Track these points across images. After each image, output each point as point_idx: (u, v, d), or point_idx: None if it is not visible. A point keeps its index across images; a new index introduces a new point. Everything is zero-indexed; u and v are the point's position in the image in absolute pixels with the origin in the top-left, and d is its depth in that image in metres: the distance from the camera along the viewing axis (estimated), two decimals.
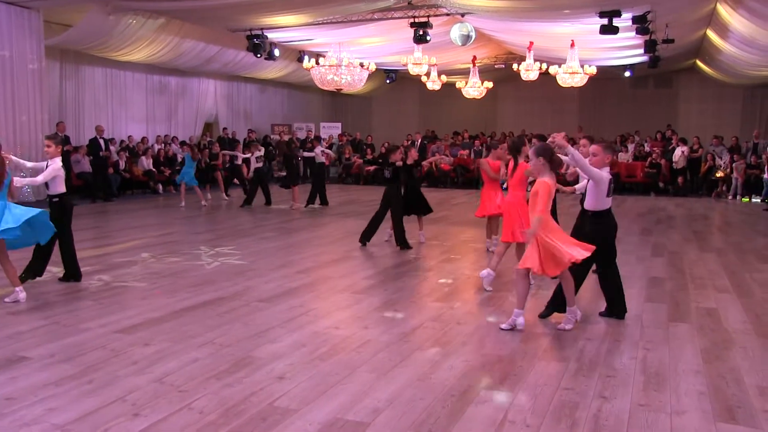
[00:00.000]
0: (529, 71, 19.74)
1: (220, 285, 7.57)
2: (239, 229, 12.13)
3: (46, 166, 7.56)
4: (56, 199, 7.63)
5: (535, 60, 19.64)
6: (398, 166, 10.14)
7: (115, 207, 15.94)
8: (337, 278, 8.11)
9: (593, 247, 5.83)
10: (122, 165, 18.53)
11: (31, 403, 4.23)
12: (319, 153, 15.97)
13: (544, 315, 6.33)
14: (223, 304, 6.71)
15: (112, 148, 18.28)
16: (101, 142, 17.20)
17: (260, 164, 16.12)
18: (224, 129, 23.98)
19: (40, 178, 7.53)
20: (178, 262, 8.93)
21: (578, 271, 6.10)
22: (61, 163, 7.61)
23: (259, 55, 19.69)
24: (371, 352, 5.27)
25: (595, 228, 6.16)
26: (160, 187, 19.38)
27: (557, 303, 6.23)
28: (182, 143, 21.54)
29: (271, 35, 19.72)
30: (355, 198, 18.15)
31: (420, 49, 18.66)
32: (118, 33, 17.04)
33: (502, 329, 5.89)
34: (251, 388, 4.50)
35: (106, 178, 17.33)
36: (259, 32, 19.12)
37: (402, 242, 10.12)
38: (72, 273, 7.71)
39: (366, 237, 10.29)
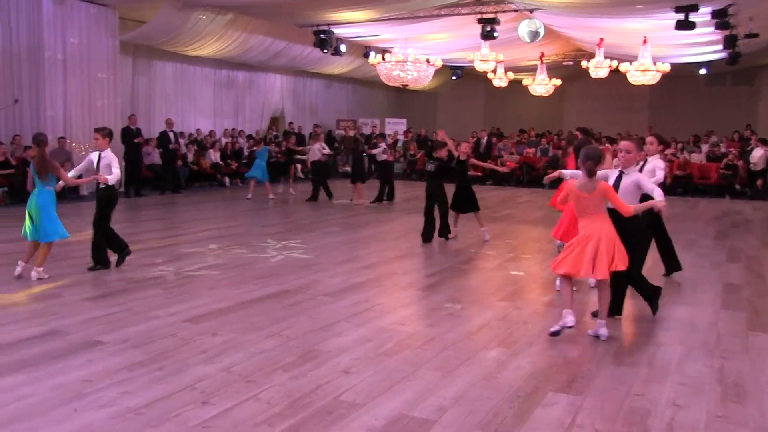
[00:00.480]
0: (598, 68, 19.34)
1: (286, 278, 7.66)
2: (304, 223, 12.26)
3: (99, 158, 7.95)
4: (104, 188, 7.96)
5: (605, 57, 19.23)
6: (443, 161, 10.15)
7: (183, 199, 16.33)
8: (401, 274, 8.12)
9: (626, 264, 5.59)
10: (190, 158, 18.93)
11: (106, 385, 4.37)
12: (380, 152, 15.86)
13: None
14: (288, 297, 6.79)
15: (181, 140, 18.70)
16: (171, 135, 17.62)
17: (322, 157, 16.15)
18: (290, 123, 24.28)
19: (116, 172, 7.95)
20: (245, 254, 9.08)
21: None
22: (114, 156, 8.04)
23: (325, 51, 19.84)
24: (436, 350, 5.25)
25: (620, 228, 5.79)
26: (227, 179, 19.73)
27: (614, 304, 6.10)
28: (249, 137, 21.90)
29: (338, 31, 19.85)
30: (420, 194, 18.00)
31: (487, 46, 18.50)
32: (188, 28, 17.42)
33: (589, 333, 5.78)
34: (317, 381, 4.54)
35: (174, 171, 17.76)
36: (326, 28, 19.27)
37: (444, 232, 10.23)
38: (99, 260, 7.95)
39: (427, 236, 10.28)
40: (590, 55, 20.31)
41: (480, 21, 16.83)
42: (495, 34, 16.80)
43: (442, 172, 10.20)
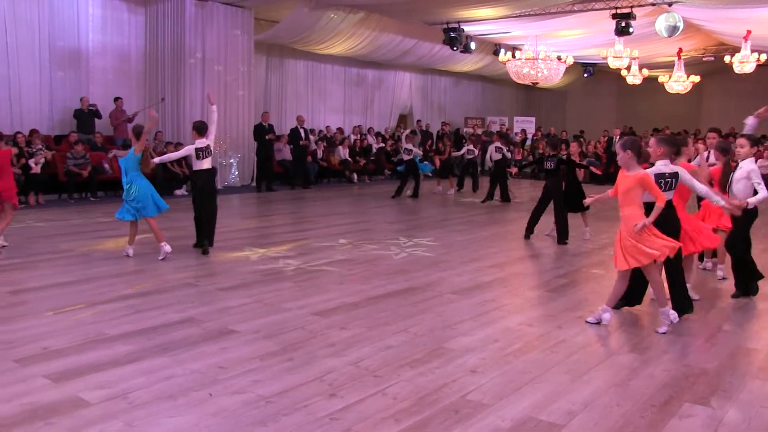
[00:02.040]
0: (744, 63, 18.19)
1: (413, 275, 7.67)
2: (431, 221, 12.27)
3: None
4: (205, 171, 8.77)
5: (752, 51, 18.05)
6: (563, 158, 9.85)
7: (312, 194, 16.73)
8: (529, 275, 7.95)
9: (676, 245, 5.59)
10: (320, 154, 19.39)
11: (239, 373, 4.51)
12: (493, 150, 15.50)
13: (618, 306, 6.13)
14: (416, 294, 6.79)
15: (311, 137, 19.18)
16: (301, 131, 18.11)
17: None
18: (418, 121, 24.40)
19: (181, 153, 9.03)
20: (373, 249, 9.18)
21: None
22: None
23: (455, 48, 19.79)
24: (565, 353, 5.09)
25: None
26: (355, 176, 20.07)
27: (630, 296, 6.12)
28: (377, 134, 22.19)
29: (468, 28, 19.74)
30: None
31: (621, 42, 17.83)
32: (320, 27, 17.85)
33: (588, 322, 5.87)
34: (444, 378, 4.50)
35: (304, 166, 18.23)
36: (456, 25, 19.21)
37: (562, 237, 9.93)
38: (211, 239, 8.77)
39: (528, 230, 10.24)
40: (734, 50, 19.13)
41: (614, 16, 16.24)
42: (630, 30, 16.15)
43: (559, 169, 9.94)
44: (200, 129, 8.65)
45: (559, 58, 17.75)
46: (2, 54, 14.31)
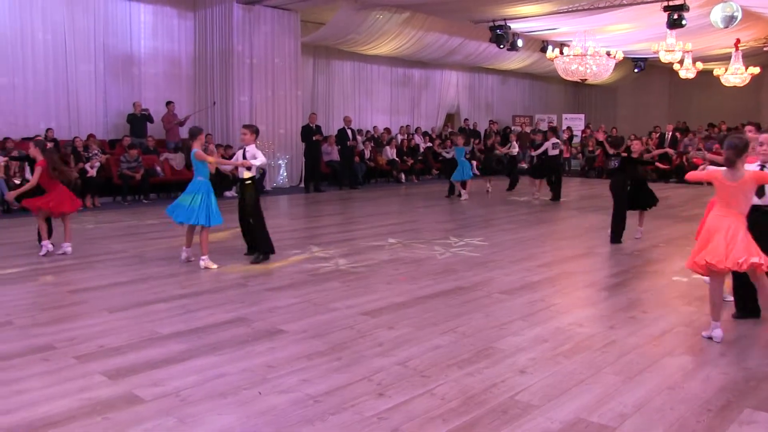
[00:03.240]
0: None
1: (462, 274, 7.65)
2: (480, 220, 12.21)
3: (244, 152, 8.33)
4: (249, 182, 8.37)
5: None
6: (624, 156, 9.65)
7: (360, 194, 16.80)
8: (579, 274, 7.84)
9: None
10: (367, 154, 19.46)
11: (287, 372, 4.57)
12: (550, 146, 15.29)
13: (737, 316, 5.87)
14: (464, 294, 6.77)
15: (358, 138, 19.27)
16: (349, 132, 18.19)
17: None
18: (465, 120, 24.30)
19: (262, 159, 8.36)
20: (422, 249, 9.18)
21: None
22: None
23: (501, 46, 19.66)
24: (617, 354, 5.00)
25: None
26: (403, 176, 20.08)
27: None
28: (424, 134, 22.17)
29: (514, 26, 19.58)
30: (598, 192, 17.43)
31: (673, 35, 17.39)
32: (365, 28, 17.92)
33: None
34: (492, 379, 4.48)
35: (352, 167, 18.32)
36: (502, 23, 19.07)
37: (616, 237, 9.71)
38: (263, 250, 8.34)
39: (616, 235, 9.83)
40: None
41: (666, 9, 15.89)
42: (683, 22, 15.78)
43: (625, 168, 9.72)
44: (257, 132, 8.49)
45: (608, 54, 17.46)
46: (61, 63, 14.86)
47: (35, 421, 3.80)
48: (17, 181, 12.86)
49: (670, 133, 22.21)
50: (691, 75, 21.30)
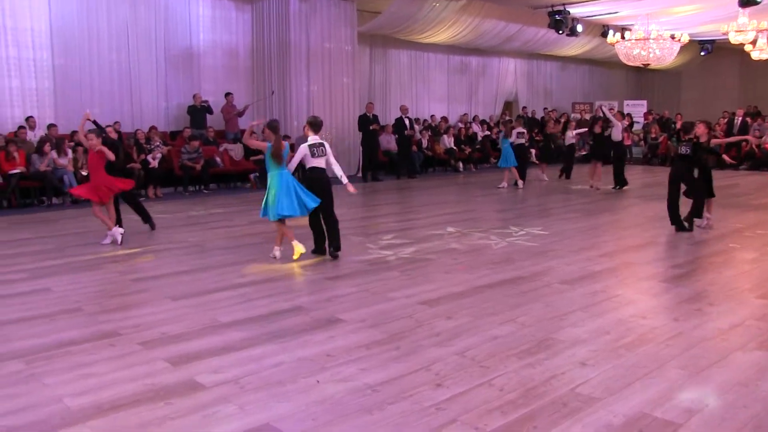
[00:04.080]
0: None
1: (521, 264, 7.56)
2: (539, 209, 12.05)
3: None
4: (306, 174, 8.03)
5: None
6: (698, 142, 9.29)
7: (418, 183, 16.76)
8: (642, 264, 7.65)
9: None
10: (425, 143, 19.38)
11: (346, 361, 4.59)
12: (618, 132, 14.84)
13: None
14: (523, 283, 6.69)
15: (415, 126, 19.20)
16: (406, 121, 18.13)
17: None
18: (523, 108, 23.97)
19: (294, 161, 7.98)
20: (480, 238, 9.11)
21: None
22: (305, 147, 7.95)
23: (560, 32, 19.32)
24: (682, 347, 4.86)
25: None
26: (461, 164, 19.95)
27: None
28: (482, 122, 21.99)
29: (574, 10, 19.21)
30: (662, 180, 16.95)
31: (746, 14, 16.66)
32: (422, 16, 17.82)
33: None
34: (552, 370, 4.41)
35: (409, 156, 18.27)
36: (561, 8, 18.73)
37: (686, 221, 9.44)
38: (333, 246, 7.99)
39: (678, 223, 9.55)
40: None
41: None
42: (757, 0, 15.12)
43: (696, 155, 9.39)
44: (314, 124, 7.98)
45: (672, 37, 16.96)
46: (124, 57, 15.28)
47: (103, 403, 3.91)
48: (84, 173, 13.25)
49: (740, 119, 21.41)
50: (764, 56, 20.37)
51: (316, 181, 7.87)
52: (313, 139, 7.87)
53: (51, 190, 12.99)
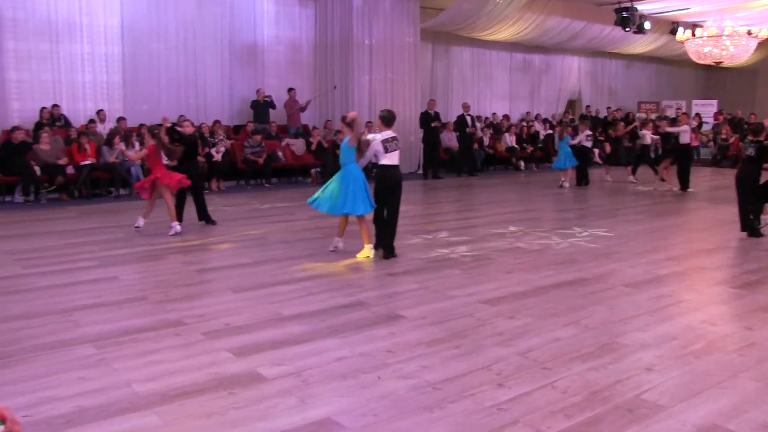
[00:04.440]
0: None
1: (584, 265, 7.43)
2: (603, 210, 11.81)
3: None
4: (377, 170, 7.97)
5: None
6: (765, 144, 8.94)
7: (479, 181, 16.66)
8: (711, 269, 7.42)
9: None
10: (486, 141, 19.22)
11: (407, 358, 4.58)
12: (683, 133, 14.34)
13: None
14: (587, 285, 6.57)
15: (477, 124, 19.07)
16: (467, 118, 18.04)
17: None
18: (587, 107, 23.54)
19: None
20: (543, 238, 8.98)
21: None
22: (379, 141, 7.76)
23: (627, 29, 18.88)
24: (757, 357, 4.68)
25: None
26: (522, 163, 19.73)
27: None
28: (544, 120, 21.70)
29: (642, 7, 18.74)
30: (731, 183, 16.47)
31: None
32: (485, 13, 17.65)
33: None
34: (617, 375, 4.31)
35: (471, 154, 18.17)
36: (629, 4, 18.31)
37: (748, 227, 9.10)
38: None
39: (749, 228, 9.20)
40: None
41: None
42: None
43: (763, 158, 9.08)
44: (387, 119, 7.75)
45: (749, 33, 16.37)
46: (190, 54, 15.63)
47: (169, 390, 4.00)
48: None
49: None
50: None
51: (389, 179, 7.73)
52: (385, 133, 7.70)
53: (119, 181, 13.36)
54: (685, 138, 14.28)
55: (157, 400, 3.88)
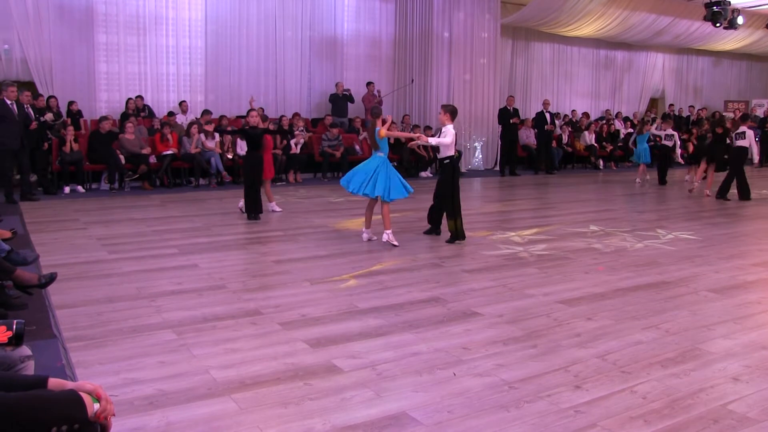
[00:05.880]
0: None
1: (665, 268, 7.21)
2: (686, 212, 11.43)
3: (440, 133, 8.48)
4: (446, 161, 8.38)
5: None
6: None
7: (556, 180, 16.40)
8: None
9: None
10: (565, 139, 18.90)
11: (482, 356, 4.54)
12: (749, 140, 13.26)
13: None
14: (668, 289, 6.37)
15: (556, 122, 18.77)
16: (547, 115, 17.76)
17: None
18: (670, 105, 22.81)
19: (443, 140, 8.28)
20: (622, 239, 8.77)
21: None
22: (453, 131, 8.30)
23: (718, 24, 18.21)
24: None
25: None
26: (601, 162, 19.32)
27: None
28: (625, 119, 21.17)
29: (735, 0, 18.04)
30: None
31: None
32: (568, 8, 17.35)
33: None
34: (700, 383, 4.17)
35: (549, 151, 17.90)
36: None
37: None
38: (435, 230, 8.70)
39: None
40: None
41: None
42: None
43: None
44: (455, 112, 8.37)
45: None
46: (272, 47, 15.98)
47: (246, 378, 4.08)
48: (230, 156, 13.90)
49: None
50: None
51: (457, 168, 8.37)
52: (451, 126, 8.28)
53: (199, 171, 13.70)
54: (747, 143, 13.45)
55: (235, 387, 3.96)
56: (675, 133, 15.49)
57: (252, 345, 4.66)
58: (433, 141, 8.51)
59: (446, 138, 8.19)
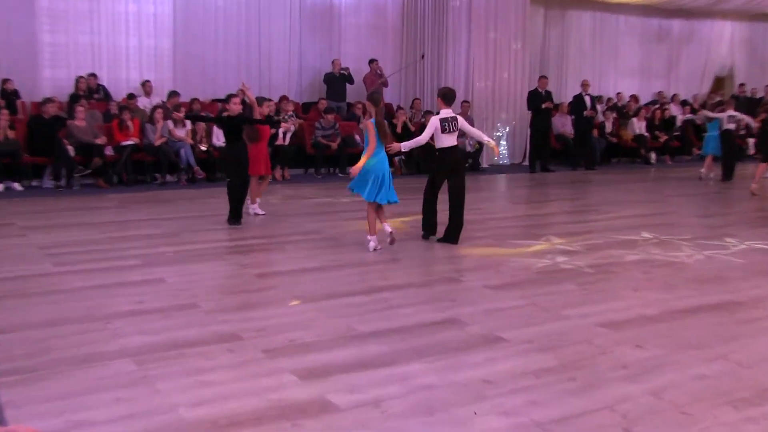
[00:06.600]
0: None
1: (736, 285, 7.17)
2: (759, 217, 11.42)
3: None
4: (437, 153, 8.66)
5: None
6: None
7: (598, 176, 16.44)
8: None
9: None
10: (609, 127, 18.93)
11: (509, 390, 4.51)
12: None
13: None
14: (739, 311, 6.33)
15: (598, 106, 18.76)
16: (586, 99, 17.73)
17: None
18: (740, 85, 22.73)
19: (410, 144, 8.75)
20: (681, 249, 8.75)
21: None
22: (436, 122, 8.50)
23: None
24: None
25: None
26: (653, 155, 19.31)
27: None
28: (683, 102, 21.16)
29: None
30: None
31: None
32: None
33: None
34: None
35: (589, 142, 17.89)
36: None
37: None
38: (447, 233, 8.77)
39: None
40: None
41: None
42: None
43: None
44: (448, 97, 8.61)
45: None
46: (254, 16, 16.00)
47: (220, 418, 4.05)
48: (203, 147, 13.88)
49: None
50: None
51: (449, 161, 8.66)
52: (445, 112, 8.53)
53: (166, 165, 13.66)
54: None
55: (207, 428, 3.93)
56: (743, 117, 15.41)
57: (229, 377, 4.63)
58: (406, 146, 8.71)
59: (422, 135, 8.52)
